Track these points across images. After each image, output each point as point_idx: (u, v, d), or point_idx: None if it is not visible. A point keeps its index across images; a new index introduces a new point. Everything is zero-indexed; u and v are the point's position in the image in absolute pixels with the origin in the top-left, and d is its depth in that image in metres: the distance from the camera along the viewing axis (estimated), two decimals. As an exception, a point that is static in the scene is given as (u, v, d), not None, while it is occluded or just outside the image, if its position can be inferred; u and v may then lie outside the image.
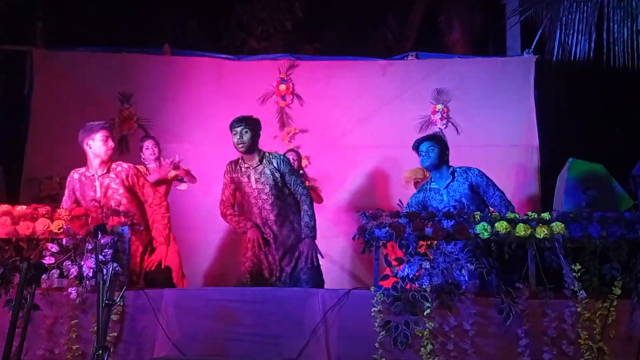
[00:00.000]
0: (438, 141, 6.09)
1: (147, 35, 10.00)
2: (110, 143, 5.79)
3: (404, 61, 8.81)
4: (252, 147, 6.06)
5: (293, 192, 6.08)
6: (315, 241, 5.97)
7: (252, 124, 6.08)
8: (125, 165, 5.91)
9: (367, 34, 11.72)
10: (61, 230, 5.10)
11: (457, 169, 6.00)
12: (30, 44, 8.45)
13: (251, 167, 6.06)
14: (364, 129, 8.50)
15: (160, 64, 8.57)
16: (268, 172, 6.03)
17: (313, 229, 5.96)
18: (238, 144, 6.01)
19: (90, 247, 5.00)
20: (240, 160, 6.14)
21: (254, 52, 10.29)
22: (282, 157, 6.20)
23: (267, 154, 6.13)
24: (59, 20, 9.29)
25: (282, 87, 8.53)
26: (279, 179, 6.04)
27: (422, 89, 8.54)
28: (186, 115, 8.40)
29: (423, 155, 5.98)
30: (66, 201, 5.84)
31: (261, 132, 6.14)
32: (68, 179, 5.91)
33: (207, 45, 10.07)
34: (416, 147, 6.07)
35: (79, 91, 8.29)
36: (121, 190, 5.77)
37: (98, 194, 5.74)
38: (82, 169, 5.87)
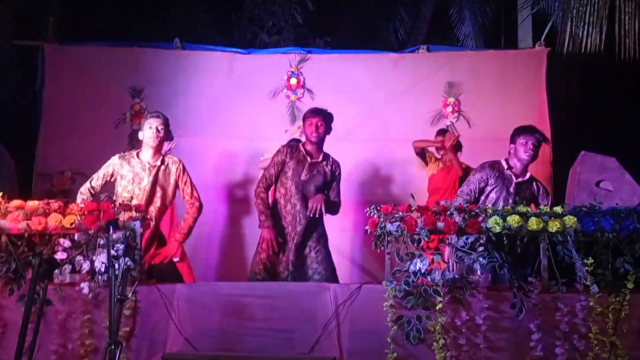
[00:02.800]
0: (544, 140, 6.10)
1: (158, 30, 10.00)
2: (158, 132, 5.96)
3: (415, 54, 8.79)
4: (322, 141, 6.21)
5: (331, 197, 6.19)
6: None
7: (325, 117, 6.20)
8: (175, 158, 6.12)
9: (378, 27, 11.69)
10: (73, 225, 5.11)
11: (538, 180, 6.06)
12: (41, 39, 8.48)
13: (310, 161, 6.11)
14: (375, 122, 8.49)
15: (171, 58, 8.57)
16: (327, 171, 6.18)
17: (334, 204, 6.20)
18: (310, 134, 6.13)
19: (102, 243, 5.01)
20: (301, 149, 6.18)
21: (265, 45, 10.28)
22: (339, 164, 6.31)
23: (330, 156, 6.25)
24: (71, 15, 9.29)
25: (293, 80, 8.52)
26: (329, 181, 6.15)
27: (433, 82, 8.51)
28: (197, 109, 8.41)
29: (526, 147, 5.97)
30: (100, 178, 5.97)
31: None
32: (110, 162, 6.03)
33: (218, 39, 10.08)
34: (518, 133, 6.06)
35: (90, 86, 8.31)
36: (171, 182, 6.04)
37: (144, 182, 5.91)
38: (129, 154, 6.06)
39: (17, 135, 8.18)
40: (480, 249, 5.06)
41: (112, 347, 4.13)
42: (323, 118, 6.15)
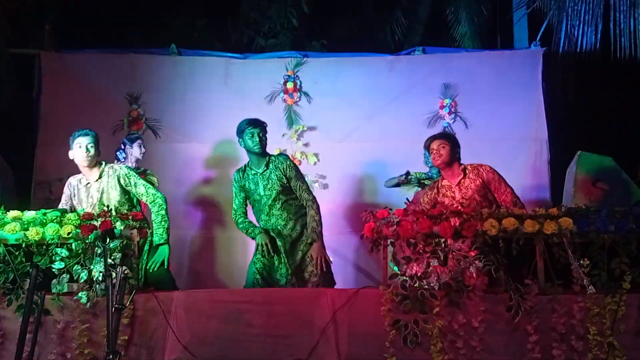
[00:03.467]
0: (449, 138, 6.11)
1: (154, 36, 9.99)
2: (88, 152, 5.82)
3: (411, 56, 8.78)
4: (265, 149, 6.15)
5: (299, 197, 6.11)
6: (323, 243, 6.02)
7: (264, 127, 6.17)
8: (116, 166, 6.02)
9: (374, 29, 11.66)
10: (70, 235, 5.13)
11: (469, 166, 6.01)
12: (38, 47, 8.49)
13: (258, 174, 6.10)
14: (373, 125, 8.48)
15: (168, 64, 8.58)
16: (275, 177, 6.06)
17: (320, 234, 6.02)
18: (254, 146, 6.06)
19: (99, 252, 5.03)
20: (247, 168, 6.19)
21: (261, 49, 10.27)
22: (287, 161, 6.20)
23: (273, 158, 6.18)
24: (67, 23, 9.30)
25: (290, 84, 8.52)
26: (286, 183, 6.08)
27: (429, 83, 8.51)
28: (194, 114, 8.41)
29: (434, 153, 5.99)
30: (64, 204, 5.94)
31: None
32: (66, 185, 6.01)
33: (214, 44, 10.07)
34: (427, 146, 6.09)
35: (87, 93, 8.30)
36: (118, 192, 5.86)
37: (95, 200, 5.83)
38: (80, 175, 5.97)
39: (15, 144, 8.18)
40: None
41: (111, 356, 4.15)
42: (262, 128, 6.14)
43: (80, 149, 5.82)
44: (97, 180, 5.89)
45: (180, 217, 7.89)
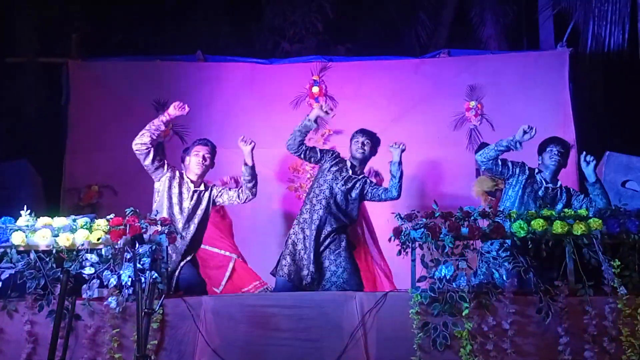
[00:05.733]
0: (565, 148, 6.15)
1: (179, 42, 10.07)
2: (204, 160, 6.23)
3: (436, 59, 8.77)
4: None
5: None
6: None
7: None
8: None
9: (399, 32, 11.65)
10: (100, 240, 5.17)
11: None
12: (66, 56, 8.57)
13: (351, 174, 6.49)
14: (398, 128, 8.45)
15: (194, 70, 8.63)
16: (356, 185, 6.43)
17: None
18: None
19: (128, 257, 5.06)
20: (349, 163, 6.56)
21: (286, 55, 10.31)
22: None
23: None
24: (93, 31, 9.40)
25: (315, 89, 8.53)
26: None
27: (455, 86, 8.49)
28: (221, 120, 8.45)
29: (555, 154, 6.06)
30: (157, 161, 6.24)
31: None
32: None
33: (239, 49, 10.11)
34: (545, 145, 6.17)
35: (114, 100, 8.39)
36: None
37: (186, 204, 6.05)
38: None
39: (44, 152, 8.28)
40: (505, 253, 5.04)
41: (141, 360, 4.17)
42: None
43: (196, 156, 6.27)
44: (197, 190, 6.18)
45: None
